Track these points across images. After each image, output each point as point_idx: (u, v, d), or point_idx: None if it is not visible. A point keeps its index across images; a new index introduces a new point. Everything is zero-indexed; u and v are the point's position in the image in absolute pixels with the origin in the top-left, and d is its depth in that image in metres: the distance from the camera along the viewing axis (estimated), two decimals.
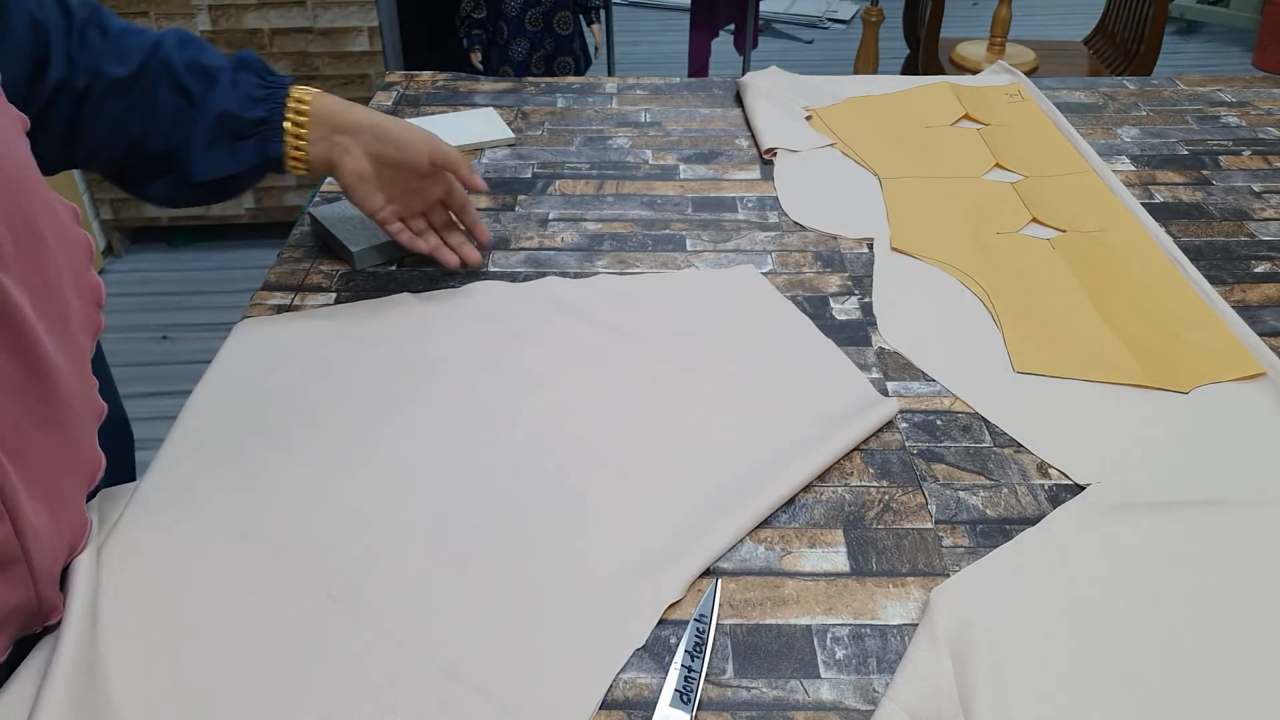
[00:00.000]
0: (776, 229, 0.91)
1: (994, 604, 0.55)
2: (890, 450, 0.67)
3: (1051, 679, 0.52)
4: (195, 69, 0.72)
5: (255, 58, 0.75)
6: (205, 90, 0.72)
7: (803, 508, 0.62)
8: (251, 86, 0.73)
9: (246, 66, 0.74)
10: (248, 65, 0.74)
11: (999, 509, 0.63)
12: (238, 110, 0.72)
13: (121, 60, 0.70)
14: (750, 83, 1.15)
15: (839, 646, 0.54)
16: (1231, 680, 0.52)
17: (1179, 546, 0.59)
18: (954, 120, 1.11)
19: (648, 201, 0.95)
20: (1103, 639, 0.54)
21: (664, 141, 1.07)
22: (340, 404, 0.69)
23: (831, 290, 0.83)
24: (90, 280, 0.55)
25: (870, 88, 1.19)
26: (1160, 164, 1.03)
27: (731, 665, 0.53)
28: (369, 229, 0.85)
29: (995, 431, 0.69)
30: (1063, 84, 1.21)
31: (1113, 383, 0.72)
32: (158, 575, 0.55)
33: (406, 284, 0.83)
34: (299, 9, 2.21)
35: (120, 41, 0.70)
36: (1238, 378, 0.73)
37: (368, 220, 0.84)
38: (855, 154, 1.04)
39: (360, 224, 0.86)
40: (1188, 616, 0.55)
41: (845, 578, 0.58)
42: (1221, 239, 0.90)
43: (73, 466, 0.53)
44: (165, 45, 0.72)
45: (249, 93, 0.73)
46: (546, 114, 1.12)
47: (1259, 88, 1.21)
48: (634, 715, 0.50)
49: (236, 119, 0.72)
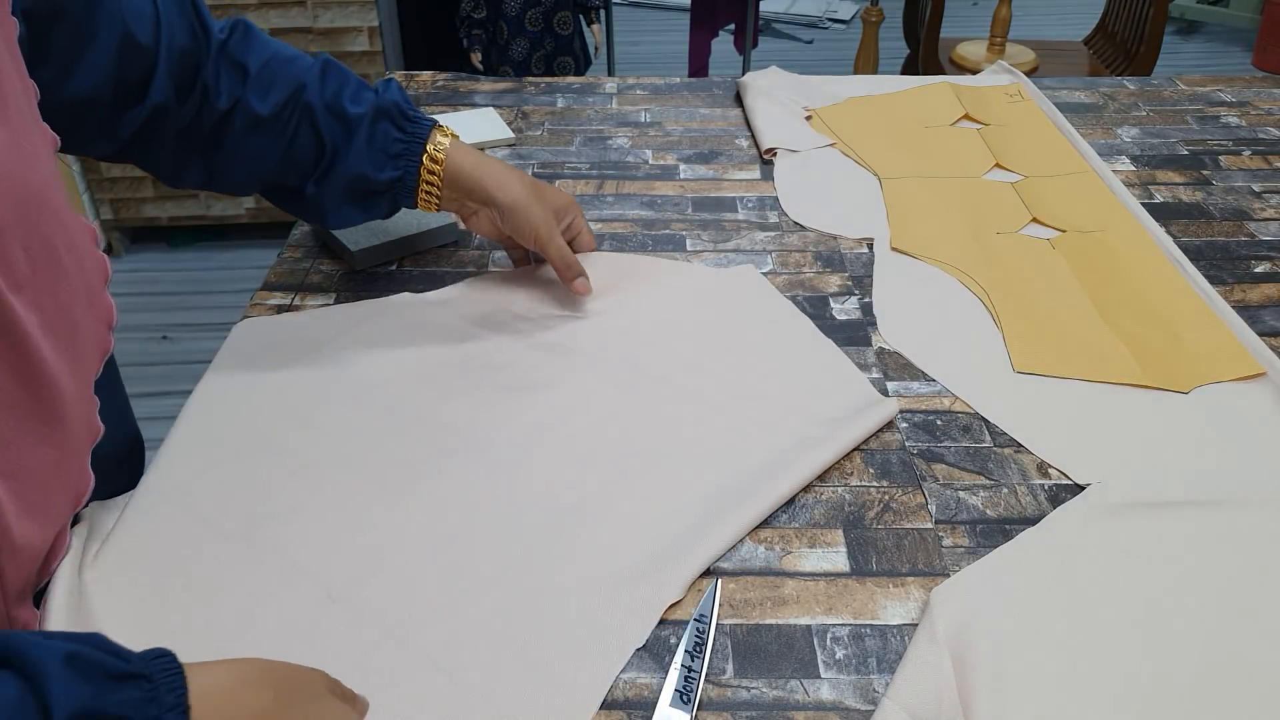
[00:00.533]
0: (776, 229, 0.91)
1: (994, 604, 0.55)
2: (890, 450, 0.67)
3: (1051, 679, 0.51)
4: (335, 114, 0.71)
5: (396, 98, 0.73)
6: (343, 143, 0.71)
7: (803, 508, 0.62)
8: (389, 141, 0.72)
9: (386, 115, 0.72)
10: (387, 113, 0.72)
11: (999, 509, 0.63)
12: (372, 173, 0.72)
13: (265, 93, 0.69)
14: (750, 83, 1.15)
15: (839, 646, 0.54)
16: (1231, 680, 0.52)
17: (1179, 546, 0.59)
18: (954, 120, 1.11)
19: (648, 201, 0.95)
20: (1102, 639, 0.54)
21: (664, 141, 1.07)
22: (340, 404, 0.69)
23: (831, 290, 0.83)
24: (104, 302, 0.56)
25: (870, 88, 1.19)
26: (1160, 164, 1.03)
27: (731, 665, 0.53)
28: (369, 229, 0.85)
29: (995, 431, 0.69)
30: (1063, 84, 1.21)
31: (1113, 383, 0.72)
32: (157, 575, 0.55)
33: (406, 284, 0.83)
34: (299, 9, 2.21)
35: (267, 71, 0.70)
36: (1238, 378, 0.73)
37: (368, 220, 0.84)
38: (855, 154, 1.04)
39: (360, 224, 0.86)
40: (1187, 616, 0.55)
41: (845, 578, 0.58)
42: (1221, 239, 0.90)
43: (64, 485, 0.53)
44: (309, 83, 0.70)
45: (385, 147, 0.72)
46: (546, 114, 1.12)
47: (1259, 88, 1.21)
48: (634, 715, 0.50)
49: (370, 180, 0.72)
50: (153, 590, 0.55)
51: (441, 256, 0.87)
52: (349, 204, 0.74)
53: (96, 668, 0.37)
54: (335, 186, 0.72)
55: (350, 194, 0.73)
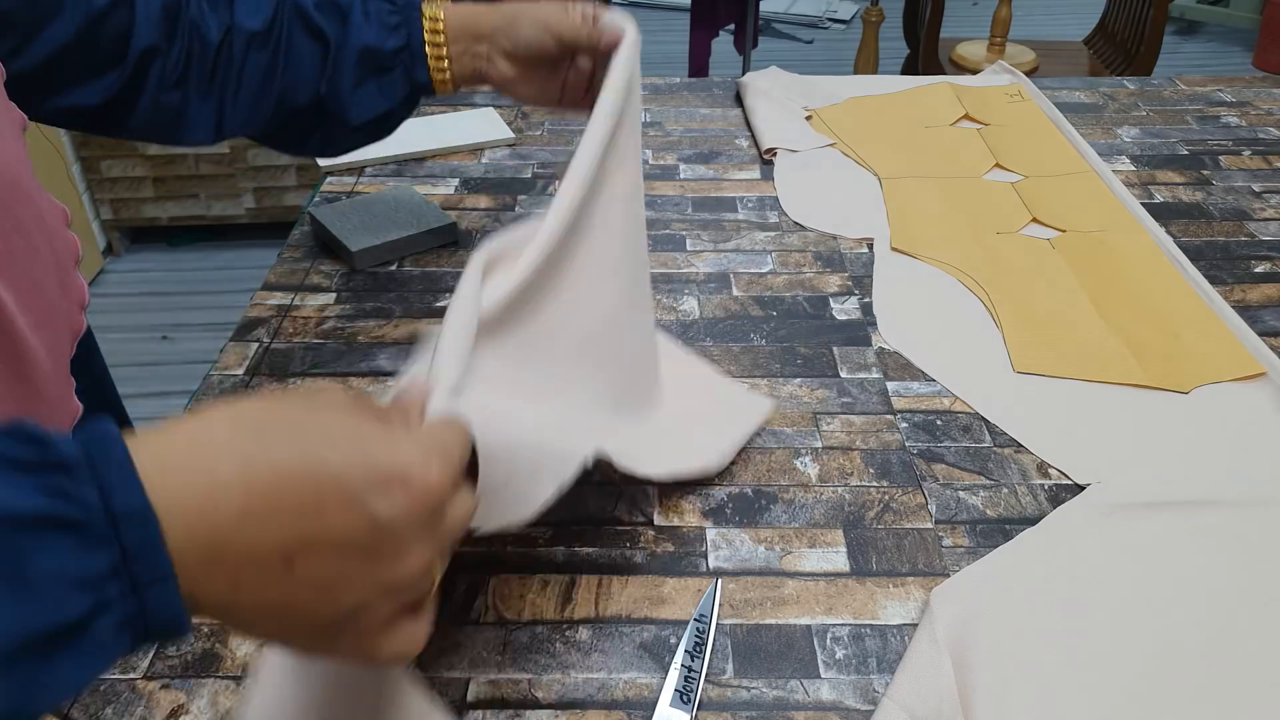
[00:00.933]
0: (776, 229, 0.91)
1: (994, 604, 0.55)
2: (890, 450, 0.67)
3: (1051, 679, 0.51)
4: (325, 6, 0.70)
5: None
6: (340, 28, 0.70)
7: (803, 508, 0.62)
8: (384, 13, 0.71)
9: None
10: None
11: (999, 509, 0.63)
12: (378, 43, 0.70)
13: (254, 11, 0.68)
14: (750, 83, 1.15)
15: (839, 646, 0.54)
16: (1231, 680, 0.52)
17: (1179, 546, 0.59)
18: (954, 120, 1.11)
19: (648, 201, 0.95)
20: (1102, 638, 0.54)
21: (664, 141, 1.07)
22: None
23: (831, 290, 0.83)
24: (75, 282, 0.56)
25: (870, 88, 1.19)
26: (1160, 164, 1.03)
27: (731, 665, 0.53)
28: (369, 229, 0.85)
29: (995, 431, 0.69)
30: (1063, 84, 1.21)
31: (1113, 383, 0.72)
32: None
33: (406, 283, 0.83)
34: None
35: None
36: (1238, 378, 0.73)
37: (368, 220, 0.84)
38: (855, 154, 1.04)
39: (360, 224, 0.86)
40: (1187, 616, 0.55)
41: (845, 578, 0.58)
42: (1221, 239, 0.90)
43: None
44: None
45: (383, 20, 0.71)
46: (546, 114, 1.12)
47: (1259, 88, 1.21)
48: (634, 715, 0.50)
49: (378, 52, 0.71)
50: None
51: (441, 256, 0.87)
52: (361, 86, 0.72)
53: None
54: (346, 71, 0.71)
55: (362, 73, 0.71)
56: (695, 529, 0.61)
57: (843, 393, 0.72)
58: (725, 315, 0.80)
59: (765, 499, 0.63)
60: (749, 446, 0.67)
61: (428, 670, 0.53)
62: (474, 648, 0.54)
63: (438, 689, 0.52)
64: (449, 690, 0.52)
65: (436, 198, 0.95)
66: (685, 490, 0.64)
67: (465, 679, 0.52)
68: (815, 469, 0.66)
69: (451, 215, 0.90)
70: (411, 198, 0.92)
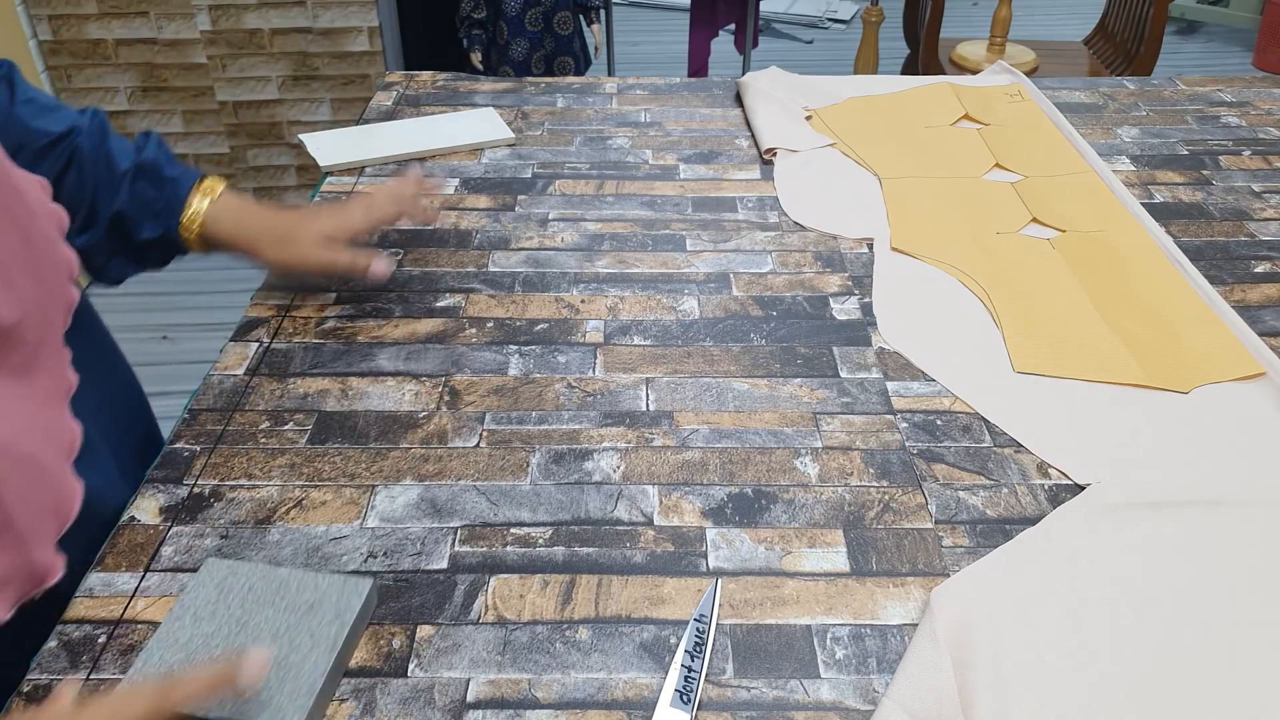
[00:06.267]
0: (776, 229, 0.91)
1: (994, 604, 0.55)
2: (890, 450, 0.67)
3: (1051, 679, 0.52)
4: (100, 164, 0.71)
5: (154, 156, 0.73)
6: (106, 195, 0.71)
7: (803, 508, 0.62)
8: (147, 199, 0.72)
9: (144, 173, 0.72)
10: (145, 171, 0.72)
11: (999, 509, 0.63)
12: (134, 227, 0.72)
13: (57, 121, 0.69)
14: (750, 83, 1.15)
15: (839, 646, 0.54)
16: (1231, 679, 0.52)
17: (1179, 546, 0.59)
18: (954, 120, 1.11)
19: (648, 201, 0.95)
20: (1102, 638, 0.54)
21: (664, 141, 1.07)
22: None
23: (831, 290, 0.83)
24: (64, 254, 0.56)
25: (870, 88, 1.19)
26: (1160, 164, 1.03)
27: (731, 665, 0.53)
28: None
29: (995, 431, 0.69)
30: (1063, 84, 1.21)
31: (1113, 383, 0.72)
32: None
33: (406, 284, 0.83)
34: (299, 9, 2.21)
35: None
36: (1238, 378, 0.73)
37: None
38: (855, 154, 1.04)
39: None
40: (1187, 616, 0.55)
41: (845, 578, 0.58)
42: (1221, 239, 0.90)
43: (50, 437, 0.54)
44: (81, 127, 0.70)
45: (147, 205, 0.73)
46: (546, 114, 1.12)
47: (1259, 88, 1.21)
48: (634, 715, 0.50)
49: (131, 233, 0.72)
50: None
51: (442, 256, 0.87)
52: (119, 256, 0.74)
53: None
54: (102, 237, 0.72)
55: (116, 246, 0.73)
56: (695, 529, 0.61)
57: (843, 393, 0.72)
58: (725, 315, 0.80)
59: (765, 499, 0.63)
60: (749, 446, 0.67)
61: (428, 670, 0.53)
62: (474, 648, 0.54)
63: (438, 689, 0.52)
64: (449, 690, 0.52)
65: (437, 197, 0.95)
66: (685, 490, 0.64)
67: (465, 679, 0.52)
68: (815, 469, 0.66)
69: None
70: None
